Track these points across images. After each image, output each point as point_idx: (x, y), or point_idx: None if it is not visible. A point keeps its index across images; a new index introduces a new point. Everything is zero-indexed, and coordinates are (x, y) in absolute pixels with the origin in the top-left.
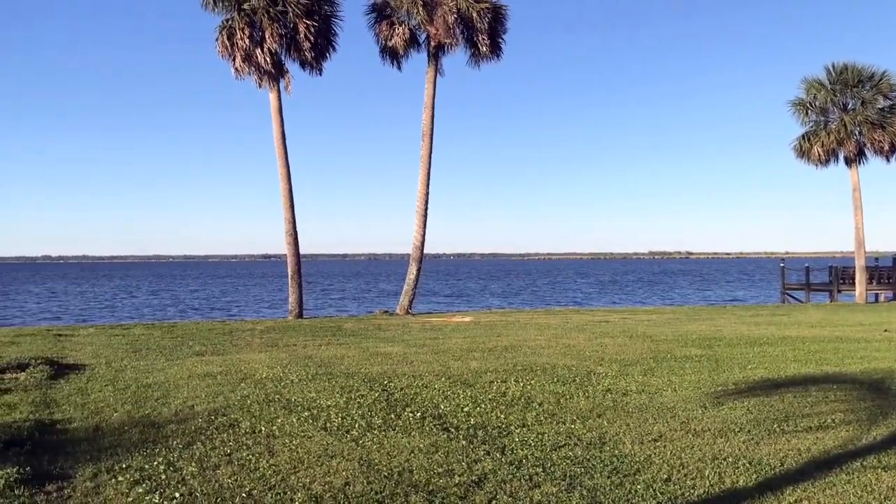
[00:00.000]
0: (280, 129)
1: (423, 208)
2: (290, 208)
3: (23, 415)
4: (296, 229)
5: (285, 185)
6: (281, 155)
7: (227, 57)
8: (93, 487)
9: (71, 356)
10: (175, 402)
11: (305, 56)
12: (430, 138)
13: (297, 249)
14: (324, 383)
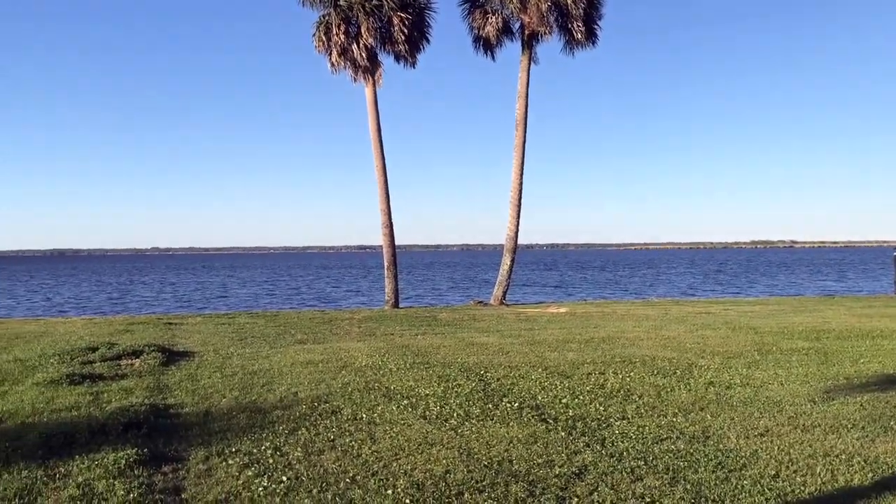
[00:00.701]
0: (375, 122)
1: (517, 198)
2: (386, 200)
3: (139, 399)
4: (391, 220)
5: (381, 177)
6: (377, 147)
7: (324, 52)
8: (205, 470)
9: (181, 344)
10: (279, 388)
11: (400, 49)
12: (523, 127)
13: (393, 240)
14: (421, 372)
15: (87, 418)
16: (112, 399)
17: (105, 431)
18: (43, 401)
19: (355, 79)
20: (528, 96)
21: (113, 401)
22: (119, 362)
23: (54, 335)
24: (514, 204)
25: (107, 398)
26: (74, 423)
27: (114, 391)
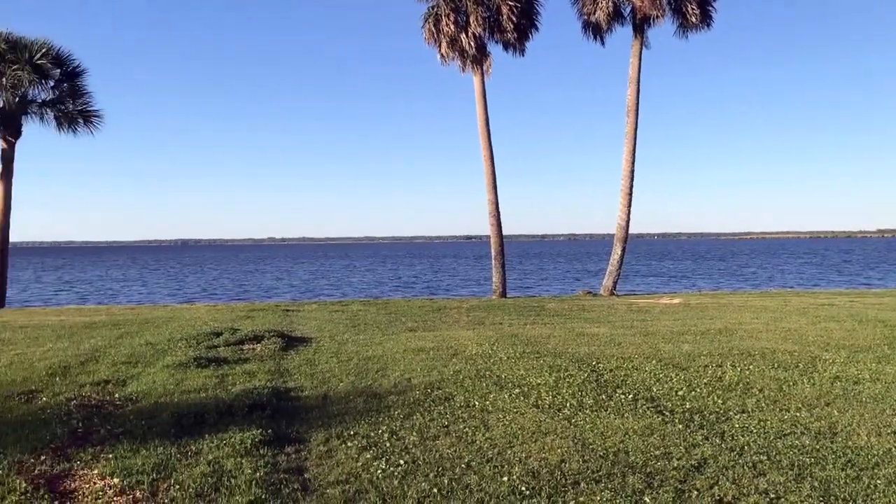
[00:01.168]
0: (483, 112)
1: (628, 186)
2: (493, 190)
3: (261, 382)
4: (499, 210)
5: (488, 167)
6: (484, 137)
7: (433, 43)
8: (326, 451)
9: (298, 330)
10: (393, 374)
11: (508, 38)
12: (635, 114)
13: (500, 230)
14: (532, 362)
15: (215, 400)
16: (236, 382)
17: (231, 412)
18: (173, 382)
19: (464, 69)
20: (639, 82)
21: (237, 383)
22: (242, 347)
23: (181, 321)
24: (625, 192)
25: (231, 381)
26: (203, 403)
27: (238, 374)
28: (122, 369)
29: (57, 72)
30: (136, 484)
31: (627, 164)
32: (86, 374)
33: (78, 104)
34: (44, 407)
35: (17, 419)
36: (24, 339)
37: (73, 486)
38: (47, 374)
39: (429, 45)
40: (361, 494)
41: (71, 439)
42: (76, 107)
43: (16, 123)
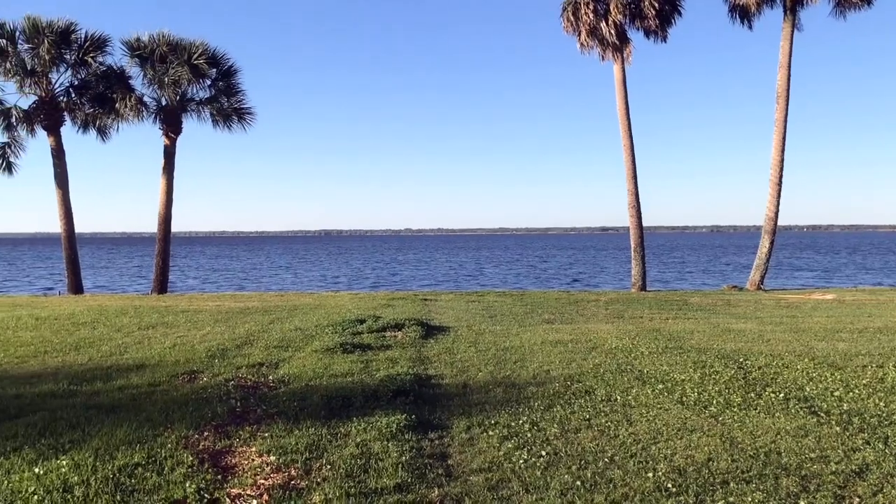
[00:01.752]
0: (623, 101)
1: (778, 176)
2: (633, 180)
3: (403, 369)
4: (639, 201)
5: (628, 157)
6: (624, 127)
7: (572, 32)
8: (467, 439)
9: (436, 319)
10: (531, 366)
11: (649, 24)
12: (785, 100)
13: (640, 222)
14: (675, 357)
15: (360, 384)
16: (380, 368)
17: (377, 397)
18: (321, 366)
19: (603, 57)
20: (790, 67)
21: (381, 369)
22: (384, 334)
23: (326, 308)
24: (773, 182)
25: (375, 367)
26: (349, 387)
27: (381, 360)
28: (275, 353)
29: (213, 71)
30: (291, 462)
31: (777, 152)
32: (241, 356)
33: (232, 102)
34: (205, 386)
35: (181, 397)
36: (185, 323)
37: (234, 462)
38: (207, 356)
39: (567, 35)
40: (504, 483)
41: (230, 417)
42: (231, 104)
43: (176, 120)
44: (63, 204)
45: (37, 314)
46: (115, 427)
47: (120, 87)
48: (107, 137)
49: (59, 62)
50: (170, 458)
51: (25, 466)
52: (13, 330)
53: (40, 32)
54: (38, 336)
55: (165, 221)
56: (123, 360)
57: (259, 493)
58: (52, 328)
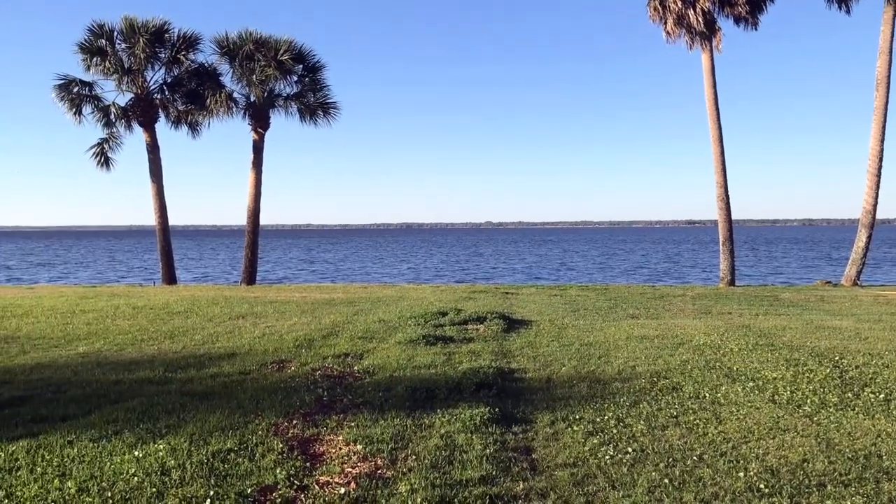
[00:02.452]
0: (712, 90)
1: (876, 167)
2: (722, 172)
3: (486, 362)
4: (728, 193)
5: (717, 149)
6: (713, 117)
7: (658, 21)
8: (552, 433)
9: (518, 312)
10: (616, 361)
11: (739, 11)
12: (885, 88)
13: (729, 215)
14: (766, 354)
15: (444, 376)
16: (463, 360)
17: (460, 389)
18: (405, 358)
19: (691, 46)
20: (891, 52)
21: (464, 362)
22: (466, 327)
23: (409, 300)
24: (871, 174)
25: (458, 359)
26: (433, 379)
27: (463, 353)
28: (359, 344)
29: (299, 67)
30: (377, 452)
31: (875, 142)
32: (327, 346)
33: (318, 97)
34: (293, 375)
35: (271, 385)
36: (274, 314)
37: (322, 450)
38: (294, 346)
39: (653, 24)
40: (590, 479)
41: (317, 406)
42: (317, 99)
43: (264, 116)
44: (157, 197)
45: (133, 303)
46: (208, 413)
47: (210, 84)
48: (198, 133)
49: (154, 60)
50: (260, 445)
51: (126, 449)
52: (112, 318)
53: (136, 32)
54: (135, 324)
55: (254, 214)
56: (215, 348)
57: (347, 481)
58: (148, 317)
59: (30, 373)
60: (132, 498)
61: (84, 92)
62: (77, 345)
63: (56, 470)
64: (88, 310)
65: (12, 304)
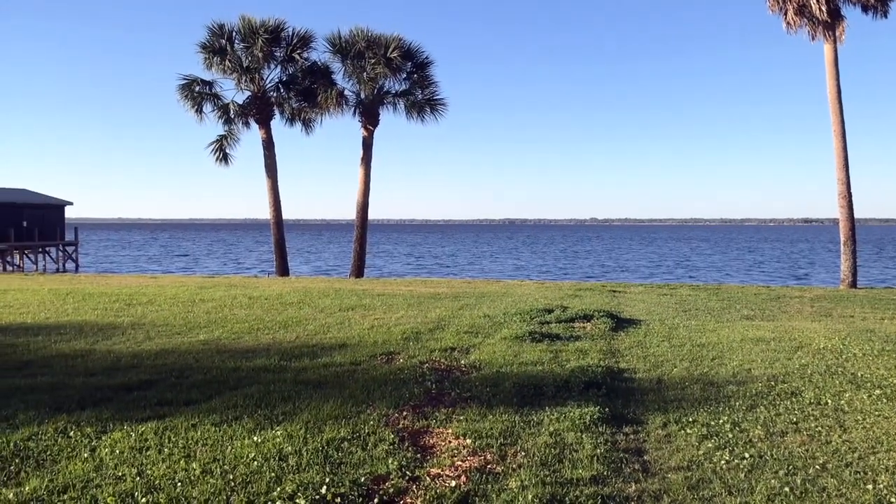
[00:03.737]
0: (834, 84)
1: None
2: (844, 168)
3: (594, 361)
4: (850, 191)
5: (839, 143)
6: (835, 111)
7: (778, 11)
8: (664, 435)
9: (626, 311)
10: (731, 363)
11: None
12: None
13: (851, 213)
14: (893, 361)
15: (551, 374)
16: (570, 358)
17: (567, 388)
18: (511, 354)
19: (813, 37)
20: None
21: (571, 360)
22: (572, 324)
23: (513, 296)
24: None
25: (565, 357)
26: (540, 376)
27: (570, 351)
28: (465, 338)
29: (408, 64)
30: (486, 447)
31: None
32: (434, 340)
33: (426, 93)
34: (401, 367)
35: (381, 377)
36: (381, 306)
37: (432, 442)
38: (402, 339)
39: (772, 14)
40: (705, 483)
41: (426, 399)
42: (424, 96)
43: (374, 113)
44: (272, 192)
45: (249, 294)
46: (321, 402)
47: (323, 82)
48: (311, 130)
49: (270, 59)
50: (372, 435)
51: (245, 434)
52: (230, 308)
53: (254, 32)
54: (252, 314)
55: (363, 209)
56: (327, 339)
57: (457, 474)
58: (263, 307)
59: (155, 358)
60: (252, 481)
61: (205, 91)
62: (197, 332)
63: (182, 451)
64: (207, 299)
65: (138, 292)
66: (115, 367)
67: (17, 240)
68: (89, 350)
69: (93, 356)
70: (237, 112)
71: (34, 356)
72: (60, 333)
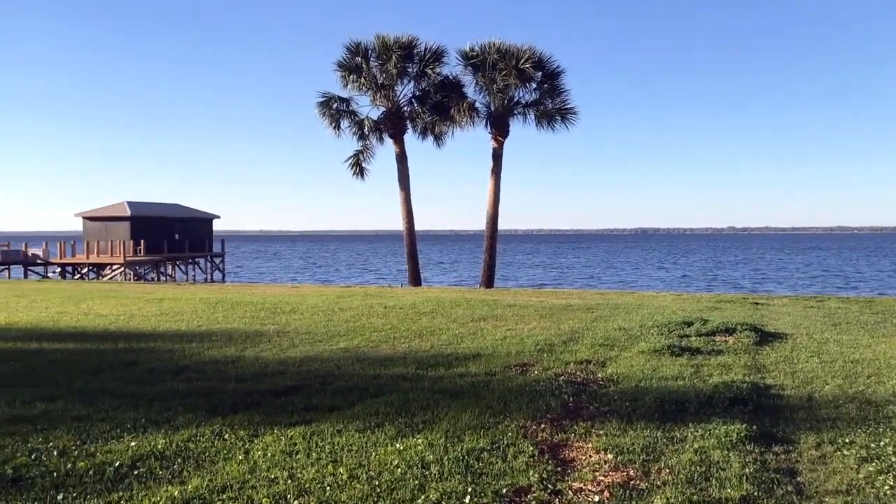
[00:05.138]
0: None
1: None
2: None
3: (738, 376)
4: None
5: None
6: None
7: None
8: (818, 456)
9: (770, 324)
10: (890, 382)
11: None
12: None
13: None
14: None
15: (693, 389)
16: (712, 373)
17: (711, 404)
18: (649, 368)
19: None
20: None
21: (713, 375)
22: (713, 338)
23: (649, 308)
24: None
25: (707, 372)
26: (681, 392)
27: (712, 366)
28: (600, 351)
29: (539, 74)
30: (629, 462)
31: None
32: (568, 352)
33: (556, 102)
34: (536, 379)
35: (516, 388)
36: (513, 317)
37: (572, 456)
38: (535, 350)
39: None
40: None
41: (564, 411)
42: (554, 105)
43: (504, 124)
44: (405, 204)
45: (385, 303)
46: (459, 412)
47: (454, 95)
48: (442, 143)
49: (403, 75)
50: (511, 446)
51: (388, 441)
52: (366, 317)
53: (388, 49)
54: (387, 323)
55: (493, 220)
56: (461, 348)
57: (600, 489)
58: (398, 316)
59: (300, 365)
60: (397, 488)
61: (342, 107)
62: (338, 340)
63: (329, 456)
64: (346, 308)
65: (281, 301)
66: (263, 372)
67: (169, 251)
68: (239, 356)
69: (242, 362)
70: (371, 127)
71: (189, 361)
72: (212, 340)
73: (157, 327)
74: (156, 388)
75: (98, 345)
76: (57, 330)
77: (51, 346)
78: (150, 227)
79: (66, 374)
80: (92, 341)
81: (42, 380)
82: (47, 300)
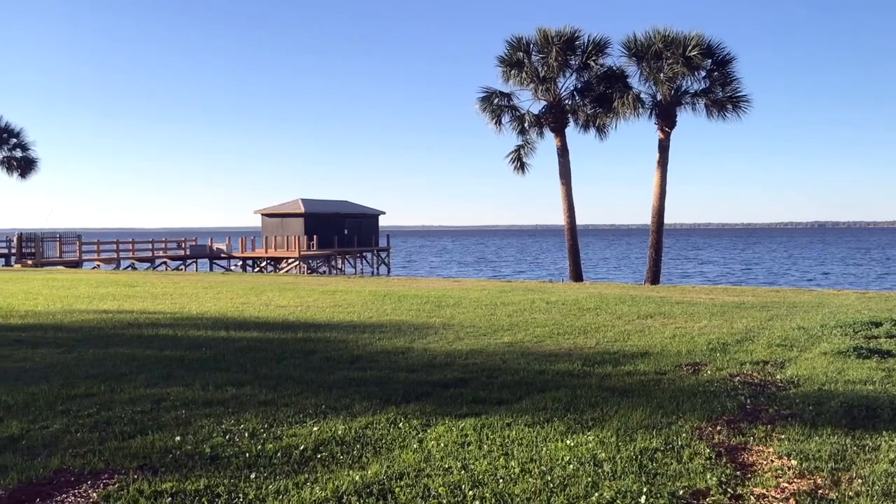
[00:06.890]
0: None
1: None
2: None
3: None
4: None
5: None
6: None
7: None
8: None
9: None
10: None
11: None
12: None
13: None
14: None
15: (885, 395)
16: None
17: None
18: (834, 370)
19: None
20: None
21: None
22: None
23: (830, 307)
24: None
25: None
26: (871, 397)
27: None
28: (778, 351)
29: (708, 62)
30: (815, 470)
31: None
32: (743, 352)
33: (727, 91)
34: (709, 380)
35: (688, 388)
36: (682, 314)
37: (751, 460)
38: (707, 349)
39: None
40: None
41: (741, 414)
42: (725, 94)
43: (671, 114)
44: (566, 198)
45: (546, 298)
46: (629, 410)
47: (618, 86)
48: (604, 135)
49: (565, 68)
50: (686, 448)
51: (558, 437)
52: (529, 312)
53: (549, 42)
54: (550, 318)
55: (659, 214)
56: (627, 346)
57: (784, 496)
58: (561, 312)
59: (465, 357)
60: (570, 484)
61: (503, 102)
62: (502, 335)
63: (500, 449)
64: (508, 302)
65: (444, 295)
66: (432, 364)
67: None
68: (408, 347)
69: (411, 353)
70: (531, 122)
71: (362, 352)
72: (382, 331)
73: (332, 318)
74: (333, 376)
75: (279, 334)
76: (242, 319)
77: (237, 334)
78: (322, 222)
79: (251, 361)
80: (274, 331)
81: (231, 365)
82: (231, 292)
